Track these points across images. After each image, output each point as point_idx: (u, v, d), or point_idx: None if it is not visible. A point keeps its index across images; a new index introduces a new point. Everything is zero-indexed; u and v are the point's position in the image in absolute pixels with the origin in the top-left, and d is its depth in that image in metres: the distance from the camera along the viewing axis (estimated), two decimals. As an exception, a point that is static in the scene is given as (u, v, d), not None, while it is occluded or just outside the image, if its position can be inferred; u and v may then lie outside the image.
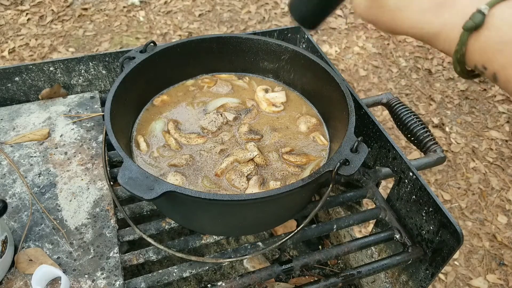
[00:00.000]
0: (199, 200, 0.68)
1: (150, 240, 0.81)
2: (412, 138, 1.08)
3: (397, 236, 0.95)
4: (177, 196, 0.68)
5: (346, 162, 0.72)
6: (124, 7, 3.52)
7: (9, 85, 1.16)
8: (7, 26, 3.24)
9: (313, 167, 0.89)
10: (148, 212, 0.95)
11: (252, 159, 0.89)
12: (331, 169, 0.71)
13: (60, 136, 1.08)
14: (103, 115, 0.86)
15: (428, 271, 0.92)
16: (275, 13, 3.52)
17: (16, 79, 1.16)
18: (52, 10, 3.41)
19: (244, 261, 1.30)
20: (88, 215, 0.90)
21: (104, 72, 1.23)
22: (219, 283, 0.82)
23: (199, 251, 1.33)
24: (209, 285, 0.82)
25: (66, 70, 1.19)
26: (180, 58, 1.04)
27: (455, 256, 1.96)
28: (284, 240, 0.83)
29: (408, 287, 1.01)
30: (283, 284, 1.26)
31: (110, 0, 3.59)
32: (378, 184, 1.07)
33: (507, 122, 2.64)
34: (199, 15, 3.46)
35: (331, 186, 0.75)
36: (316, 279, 0.96)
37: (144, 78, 0.98)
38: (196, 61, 1.08)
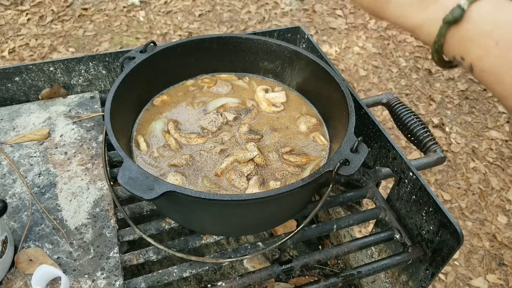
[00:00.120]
0: (199, 200, 0.68)
1: (150, 240, 0.81)
2: (412, 138, 1.08)
3: (397, 236, 0.95)
4: (177, 196, 0.68)
5: (346, 162, 0.72)
6: (124, 7, 3.52)
7: (9, 85, 1.16)
8: (7, 26, 3.24)
9: (313, 167, 0.89)
10: (148, 212, 0.95)
11: (252, 159, 0.89)
12: (331, 169, 0.71)
13: (60, 136, 1.08)
14: (103, 115, 0.86)
15: (428, 271, 0.92)
16: (275, 13, 3.52)
17: (16, 79, 1.16)
18: (52, 10, 3.41)
19: (244, 261, 1.30)
20: (88, 215, 0.90)
21: (104, 72, 1.23)
22: (219, 283, 0.82)
23: (199, 251, 1.33)
24: (209, 285, 0.82)
25: (66, 70, 1.19)
26: (180, 58, 1.04)
27: (455, 256, 1.96)
28: (284, 240, 0.83)
29: (408, 287, 1.01)
30: (283, 284, 1.26)
31: (110, 0, 3.59)
32: (378, 184, 1.07)
33: (507, 122, 2.64)
34: (199, 15, 3.46)
35: (331, 186, 0.75)
36: (316, 279, 0.96)
37: (144, 78, 0.98)
38: (196, 61, 1.08)
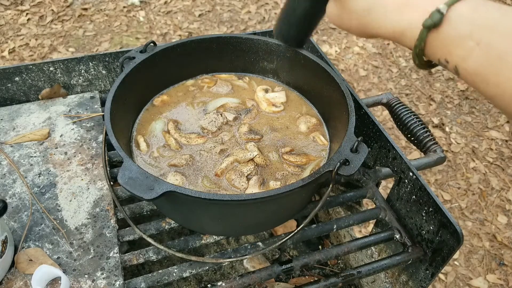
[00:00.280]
0: (199, 200, 0.68)
1: (150, 240, 0.81)
2: (412, 138, 1.08)
3: (397, 236, 0.95)
4: (177, 196, 0.68)
5: (346, 162, 0.72)
6: (124, 7, 3.52)
7: (9, 85, 1.16)
8: (7, 26, 3.24)
9: (313, 167, 0.89)
10: (148, 212, 0.95)
11: (252, 159, 0.89)
12: (331, 169, 0.71)
13: (60, 136, 1.08)
14: (103, 115, 0.86)
15: (428, 271, 0.92)
16: (275, 13, 3.52)
17: (16, 79, 1.16)
18: (52, 10, 3.41)
19: (244, 261, 1.30)
20: (88, 215, 0.90)
21: (104, 72, 1.23)
22: (219, 283, 0.82)
23: (199, 251, 1.33)
24: (209, 285, 0.82)
25: (66, 70, 1.19)
26: (180, 58, 1.04)
27: (455, 256, 1.96)
28: (284, 240, 0.83)
29: (408, 287, 1.01)
30: (283, 284, 1.26)
31: (110, 0, 3.59)
32: (378, 184, 1.07)
33: (507, 122, 2.64)
34: (199, 15, 3.46)
35: (331, 186, 0.75)
36: (316, 279, 0.96)
37: (144, 78, 0.98)
38: (196, 61, 1.08)
